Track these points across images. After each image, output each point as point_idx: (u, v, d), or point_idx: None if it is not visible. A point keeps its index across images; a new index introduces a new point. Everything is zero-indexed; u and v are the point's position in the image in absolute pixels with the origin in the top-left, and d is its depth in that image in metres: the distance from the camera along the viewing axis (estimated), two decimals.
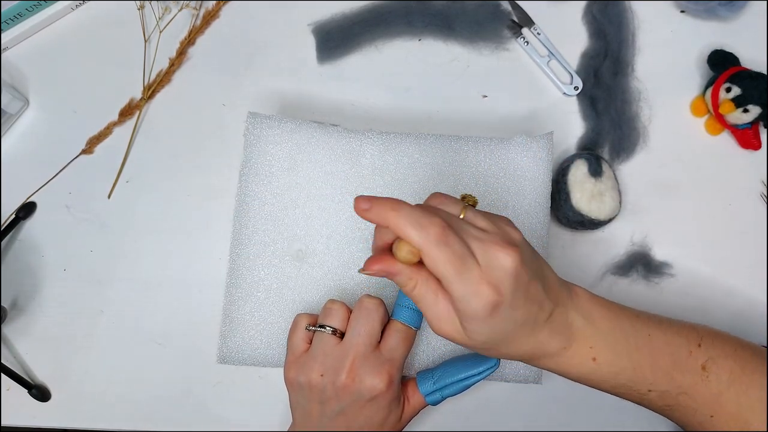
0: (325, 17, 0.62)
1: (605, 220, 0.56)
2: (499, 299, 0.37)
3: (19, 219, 0.58)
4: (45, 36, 0.62)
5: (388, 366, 0.45)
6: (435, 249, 0.36)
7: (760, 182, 0.60)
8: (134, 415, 0.56)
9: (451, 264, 0.37)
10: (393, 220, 0.37)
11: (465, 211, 0.40)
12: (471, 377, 0.47)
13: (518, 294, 0.38)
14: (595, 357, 0.42)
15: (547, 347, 0.41)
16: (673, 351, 0.43)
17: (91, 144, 0.59)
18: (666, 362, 0.43)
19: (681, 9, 0.63)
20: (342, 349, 0.45)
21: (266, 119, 0.53)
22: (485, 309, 0.37)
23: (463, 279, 0.37)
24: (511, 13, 0.62)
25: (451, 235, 0.37)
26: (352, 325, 0.46)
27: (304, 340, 0.47)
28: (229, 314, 0.52)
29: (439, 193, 0.42)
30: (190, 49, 0.62)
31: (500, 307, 0.38)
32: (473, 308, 0.37)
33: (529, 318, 0.39)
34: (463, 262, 0.37)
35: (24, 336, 0.57)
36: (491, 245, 0.38)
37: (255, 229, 0.52)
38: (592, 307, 0.43)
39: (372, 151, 0.53)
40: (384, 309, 0.46)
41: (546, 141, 0.54)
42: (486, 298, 0.37)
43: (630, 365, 0.42)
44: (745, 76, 0.57)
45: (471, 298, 0.37)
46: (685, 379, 0.43)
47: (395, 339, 0.46)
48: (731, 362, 0.43)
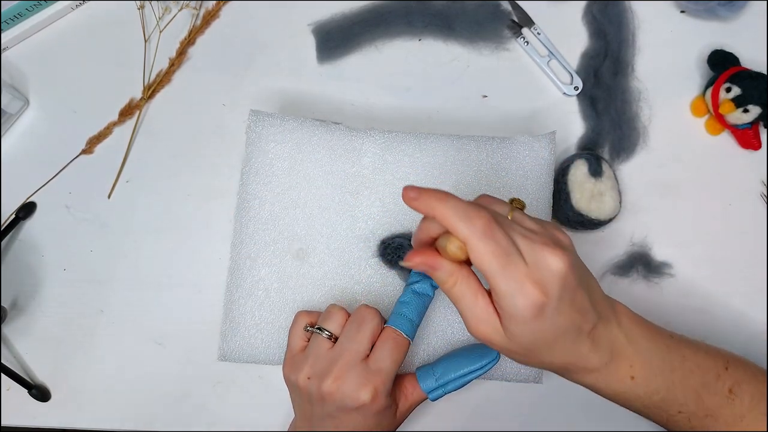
0: (325, 17, 0.62)
1: (605, 220, 0.56)
2: (544, 300, 0.37)
3: (19, 219, 0.58)
4: (45, 36, 0.62)
5: (374, 378, 0.44)
6: (481, 242, 0.36)
7: (760, 182, 0.60)
8: (134, 415, 0.56)
9: (496, 258, 0.36)
10: (440, 210, 0.37)
11: (512, 213, 0.40)
12: (474, 372, 0.47)
13: (564, 298, 0.37)
14: (634, 376, 0.42)
15: (588, 361, 0.40)
16: (704, 373, 0.43)
17: (91, 144, 0.59)
18: (697, 384, 0.43)
19: (681, 9, 0.63)
20: (332, 355, 0.45)
21: (268, 117, 0.53)
22: (530, 309, 0.37)
23: (508, 275, 0.36)
24: (511, 13, 0.62)
25: (497, 229, 0.36)
26: (345, 332, 0.45)
27: (303, 339, 0.47)
28: (230, 313, 0.52)
29: (487, 195, 0.42)
30: (190, 49, 0.62)
31: (545, 308, 0.37)
32: (517, 307, 0.37)
33: (572, 326, 0.39)
34: (509, 258, 0.36)
35: (24, 336, 0.57)
36: (540, 245, 0.37)
37: (256, 228, 0.52)
38: (633, 325, 0.43)
39: (373, 150, 0.53)
40: (379, 320, 0.46)
41: (548, 140, 0.54)
42: (531, 298, 0.36)
43: (665, 386, 0.42)
44: (745, 76, 0.57)
45: (516, 295, 0.36)
46: (713, 401, 0.43)
47: (385, 349, 0.45)
48: (753, 387, 0.44)
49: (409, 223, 0.52)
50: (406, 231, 0.52)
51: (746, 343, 0.57)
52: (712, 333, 0.57)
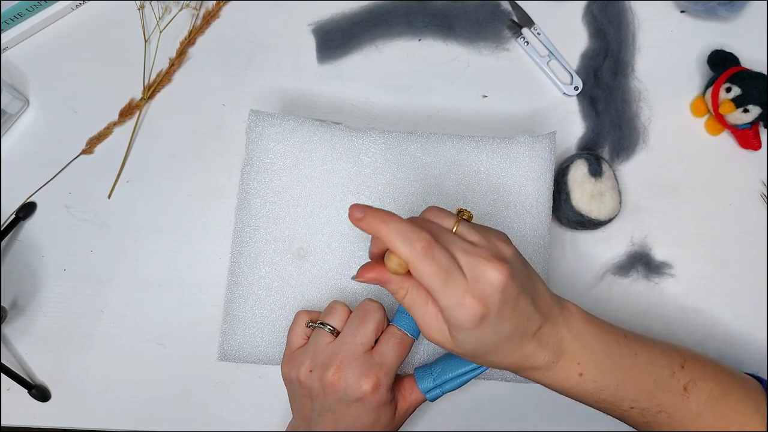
0: (325, 17, 0.62)
1: (605, 220, 0.56)
2: (485, 312, 0.38)
3: (19, 219, 0.58)
4: (45, 36, 0.62)
5: (376, 369, 0.44)
6: (420, 262, 0.38)
7: (760, 182, 0.60)
8: (134, 415, 0.56)
9: (436, 276, 0.38)
10: (383, 232, 0.39)
11: (458, 225, 0.41)
12: (471, 371, 0.47)
13: (506, 307, 0.39)
14: (582, 372, 0.43)
15: (534, 360, 0.42)
16: (657, 371, 0.44)
17: (91, 144, 0.59)
18: (648, 382, 0.44)
19: (681, 9, 0.63)
20: (334, 347, 0.45)
21: (268, 117, 0.53)
22: (471, 320, 0.38)
23: (449, 291, 0.38)
24: (511, 13, 0.62)
25: (437, 248, 0.38)
26: (348, 324, 0.46)
27: (302, 337, 0.48)
28: (230, 312, 0.52)
29: (434, 207, 0.43)
30: (190, 49, 0.62)
31: (486, 319, 0.39)
32: (459, 319, 0.39)
33: (516, 331, 0.40)
34: (449, 275, 0.38)
35: (24, 336, 0.57)
36: (479, 259, 0.39)
37: (256, 227, 0.52)
38: (583, 324, 0.44)
39: (374, 150, 0.53)
40: (383, 313, 0.46)
41: (548, 141, 0.54)
42: (471, 310, 0.38)
43: (614, 382, 0.43)
44: (745, 76, 0.57)
45: (456, 309, 0.38)
46: (666, 399, 0.44)
47: (389, 344, 0.45)
48: (711, 385, 0.44)
49: None
50: None
51: (746, 343, 0.57)
52: (712, 333, 0.57)
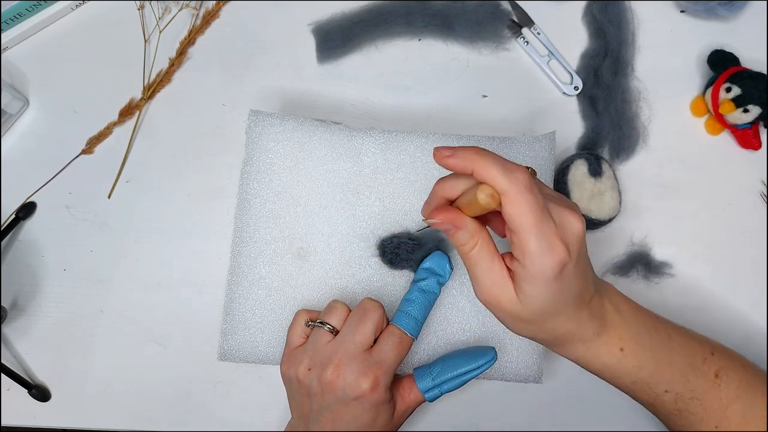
0: (325, 17, 0.62)
1: (605, 220, 0.56)
2: (567, 259, 0.37)
3: (19, 219, 0.58)
4: (45, 36, 0.62)
5: (375, 368, 0.44)
6: (521, 195, 0.36)
7: (760, 182, 0.60)
8: (134, 415, 0.56)
9: (533, 213, 0.36)
10: (480, 163, 0.36)
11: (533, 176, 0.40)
12: (470, 371, 0.47)
13: (580, 261, 0.39)
14: (623, 348, 0.43)
15: (584, 330, 0.41)
16: (690, 354, 0.44)
17: (91, 144, 0.59)
18: (683, 364, 0.44)
19: (681, 9, 0.63)
20: (333, 346, 0.45)
21: (268, 117, 0.53)
22: (556, 267, 0.37)
23: (541, 231, 0.36)
24: (511, 13, 0.62)
25: (535, 184, 0.37)
26: (347, 323, 0.46)
27: (301, 336, 0.48)
28: (230, 312, 0.52)
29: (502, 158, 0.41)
30: (190, 49, 0.62)
31: (566, 268, 0.38)
32: (545, 265, 0.37)
33: (579, 293, 0.40)
34: (544, 214, 0.37)
35: (24, 336, 0.57)
36: (564, 207, 0.38)
37: (256, 227, 0.52)
38: (621, 300, 0.44)
39: (374, 150, 0.53)
40: (382, 312, 0.46)
41: (548, 140, 0.54)
42: (559, 255, 0.37)
43: (653, 360, 0.43)
44: (745, 76, 0.57)
45: (545, 252, 0.37)
46: (699, 384, 0.44)
47: (389, 343, 0.45)
48: (740, 375, 0.45)
49: (408, 223, 0.52)
50: (405, 231, 0.52)
51: (746, 343, 0.57)
52: (712, 333, 0.57)
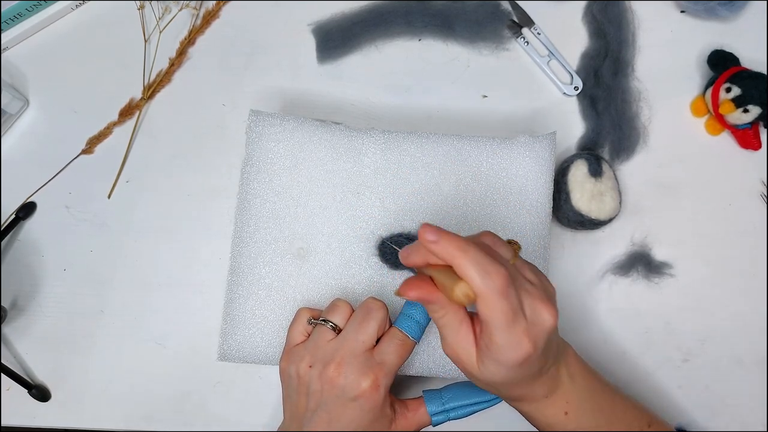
0: (325, 17, 0.62)
1: (605, 220, 0.56)
2: (533, 354, 0.39)
3: (19, 219, 0.58)
4: (45, 36, 0.62)
5: (376, 369, 0.44)
6: (496, 299, 0.37)
7: (760, 182, 0.60)
8: (134, 415, 0.56)
9: (505, 316, 0.37)
10: (459, 261, 0.37)
11: (515, 258, 0.41)
12: (481, 403, 0.48)
13: (545, 350, 0.40)
14: (567, 411, 0.44)
15: (534, 393, 0.43)
16: (630, 422, 0.46)
17: (91, 144, 0.59)
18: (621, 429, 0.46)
19: (681, 9, 0.63)
20: (335, 344, 0.45)
21: (268, 117, 0.53)
22: (518, 359, 0.38)
23: (511, 331, 0.38)
24: (511, 13, 0.62)
25: (512, 287, 0.37)
26: (350, 322, 0.46)
27: (303, 333, 0.48)
28: (230, 312, 0.52)
29: (490, 233, 0.42)
30: (190, 49, 0.62)
31: (530, 359, 0.39)
32: (509, 357, 0.38)
33: (539, 370, 0.41)
34: (515, 316, 0.38)
35: (24, 336, 0.57)
36: (538, 301, 0.39)
37: (256, 227, 0.52)
38: (577, 365, 0.45)
39: (374, 150, 0.53)
40: (385, 312, 0.46)
41: (549, 141, 0.54)
42: (524, 351, 0.38)
43: (594, 426, 0.45)
44: (745, 76, 0.57)
45: (511, 347, 0.38)
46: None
47: (391, 345, 0.45)
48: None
49: (409, 224, 0.52)
50: (405, 231, 0.52)
51: (746, 343, 0.57)
52: (712, 333, 0.57)
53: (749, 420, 0.56)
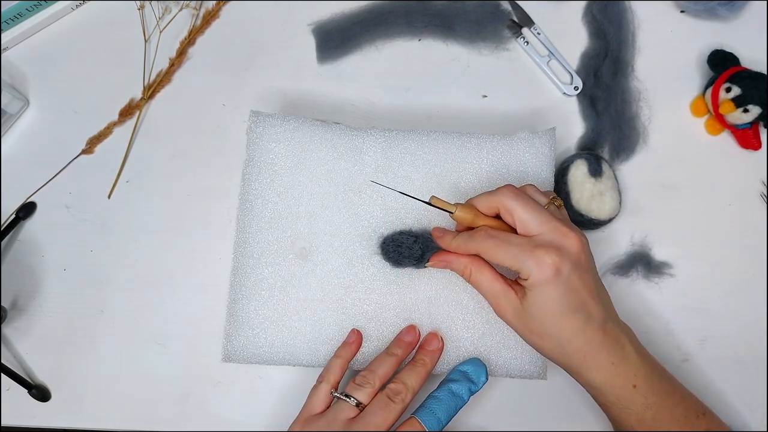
0: (325, 17, 0.62)
1: (605, 220, 0.56)
2: (558, 260, 0.42)
3: (19, 219, 0.58)
4: (45, 36, 0.62)
5: None
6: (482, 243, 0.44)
7: (760, 182, 0.60)
8: (134, 415, 0.56)
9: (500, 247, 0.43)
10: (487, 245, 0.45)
11: (549, 205, 0.46)
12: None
13: (576, 272, 0.43)
14: (636, 384, 0.44)
15: (599, 355, 0.44)
16: (688, 408, 0.46)
17: (91, 144, 0.59)
18: (681, 416, 0.46)
19: (681, 9, 0.63)
20: (355, 425, 0.45)
21: (269, 117, 0.53)
22: (547, 269, 0.42)
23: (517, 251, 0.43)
24: (511, 13, 0.62)
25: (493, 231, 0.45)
26: (375, 403, 0.46)
27: (324, 403, 0.48)
28: (234, 313, 0.52)
29: (533, 186, 0.48)
30: (190, 49, 0.62)
31: (561, 273, 0.42)
32: (535, 271, 0.42)
33: (582, 306, 0.43)
34: (510, 242, 0.43)
35: (24, 336, 0.57)
36: (561, 226, 0.43)
37: (258, 227, 0.52)
38: (640, 344, 0.46)
39: (375, 149, 0.53)
40: (411, 399, 0.47)
41: (548, 137, 0.54)
42: (547, 260, 0.42)
43: (657, 405, 0.45)
44: (745, 76, 0.57)
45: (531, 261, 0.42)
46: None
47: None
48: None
49: (410, 221, 0.52)
50: (407, 228, 0.52)
51: (746, 343, 0.57)
52: (712, 333, 0.57)
53: (749, 420, 0.56)
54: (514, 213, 0.44)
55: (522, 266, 0.43)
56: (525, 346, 0.51)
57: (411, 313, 0.52)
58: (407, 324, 0.52)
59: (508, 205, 0.44)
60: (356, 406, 0.46)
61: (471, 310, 0.52)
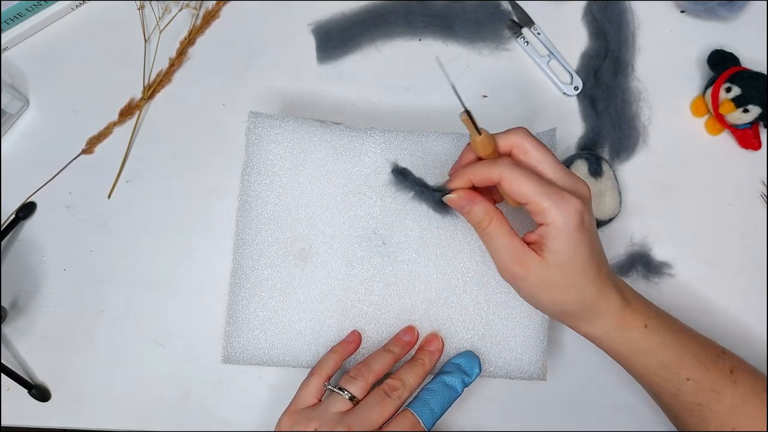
0: (325, 17, 0.62)
1: (605, 220, 0.56)
2: (583, 208, 0.40)
3: (19, 219, 0.58)
4: (45, 36, 0.62)
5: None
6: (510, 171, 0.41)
7: (760, 182, 0.60)
8: (134, 415, 0.56)
9: (529, 179, 0.41)
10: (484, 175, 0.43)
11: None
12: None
13: (592, 220, 0.42)
14: (647, 324, 0.44)
15: (609, 300, 0.43)
16: (705, 346, 0.46)
17: (91, 144, 0.59)
18: (701, 354, 0.45)
19: (681, 9, 0.63)
20: (349, 419, 0.45)
21: (268, 118, 0.53)
22: (575, 216, 0.40)
23: (546, 189, 0.40)
24: (511, 13, 0.62)
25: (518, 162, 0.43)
26: (370, 398, 0.46)
27: (315, 396, 0.47)
28: (234, 314, 0.52)
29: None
30: (190, 49, 0.62)
31: (584, 218, 0.41)
32: (562, 215, 0.40)
33: (598, 252, 0.43)
34: (539, 178, 0.41)
35: (24, 336, 0.57)
36: (569, 173, 0.43)
37: (258, 228, 0.52)
38: (636, 291, 0.46)
39: (374, 150, 0.53)
40: (408, 395, 0.46)
41: (549, 137, 0.54)
42: (574, 205, 0.40)
43: (675, 341, 0.44)
44: (745, 76, 0.57)
45: (559, 204, 0.40)
46: (718, 376, 0.44)
47: (399, 427, 0.45)
48: (752, 378, 0.45)
49: (410, 222, 0.52)
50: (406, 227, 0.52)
51: (746, 343, 0.57)
52: (712, 333, 0.57)
53: None
54: (529, 152, 0.42)
55: (547, 206, 0.40)
56: (525, 347, 0.51)
57: (411, 314, 0.52)
58: (407, 325, 0.52)
59: (524, 144, 0.43)
60: (350, 399, 0.45)
61: (471, 311, 0.52)
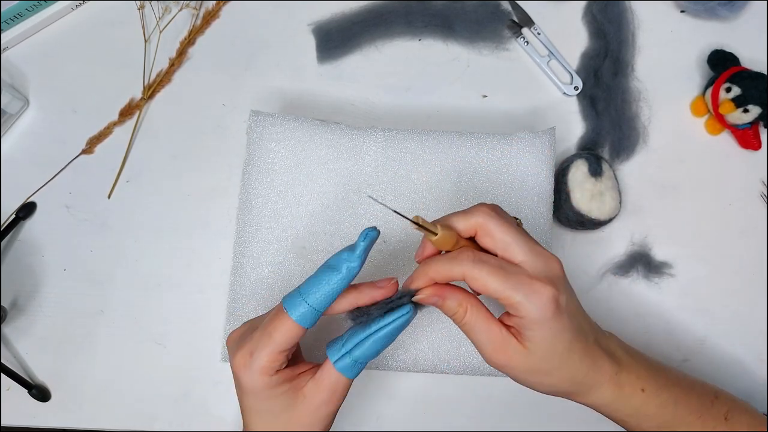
0: (325, 17, 0.62)
1: (605, 220, 0.56)
2: (556, 292, 0.38)
3: (19, 219, 0.58)
4: (45, 36, 0.62)
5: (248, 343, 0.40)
6: (473, 268, 0.38)
7: (760, 182, 0.60)
8: (134, 415, 0.56)
9: (494, 275, 0.38)
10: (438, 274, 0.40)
11: (520, 223, 0.43)
12: (383, 328, 0.40)
13: (569, 294, 0.40)
14: (644, 388, 0.42)
15: (602, 371, 0.41)
16: (700, 395, 0.44)
17: (91, 144, 0.59)
18: (697, 404, 0.44)
19: (681, 9, 0.63)
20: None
21: (269, 117, 0.53)
22: (549, 304, 0.38)
23: (514, 283, 0.38)
24: (511, 13, 0.62)
25: (481, 254, 0.39)
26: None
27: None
28: (234, 313, 0.52)
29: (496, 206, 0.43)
30: (190, 49, 0.62)
31: (560, 303, 0.38)
32: (537, 306, 0.38)
33: (581, 327, 0.41)
34: (506, 270, 0.38)
35: (24, 336, 0.57)
36: (540, 252, 0.40)
37: (258, 227, 0.52)
38: (626, 345, 0.44)
39: (375, 148, 0.53)
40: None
41: (548, 136, 0.54)
42: (545, 293, 0.38)
43: (671, 400, 0.43)
44: (745, 76, 0.57)
45: (530, 297, 0.38)
46: (714, 426, 0.44)
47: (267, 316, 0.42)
48: (748, 417, 0.45)
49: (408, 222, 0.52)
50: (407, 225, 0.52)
51: (746, 343, 0.57)
52: (712, 333, 0.57)
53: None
54: (494, 236, 0.39)
55: (518, 301, 0.38)
56: None
57: None
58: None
59: (489, 225, 0.39)
60: None
61: None
